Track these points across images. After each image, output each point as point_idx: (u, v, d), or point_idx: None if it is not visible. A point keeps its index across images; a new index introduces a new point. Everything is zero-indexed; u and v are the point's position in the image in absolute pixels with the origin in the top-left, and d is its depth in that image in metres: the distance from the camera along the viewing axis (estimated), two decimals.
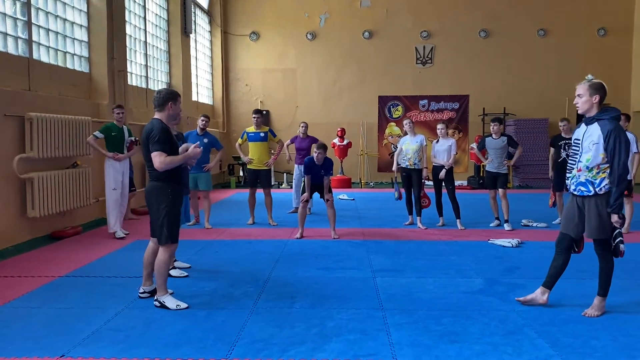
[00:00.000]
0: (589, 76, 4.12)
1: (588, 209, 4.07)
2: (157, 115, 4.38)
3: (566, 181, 4.26)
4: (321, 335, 3.74)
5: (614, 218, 3.94)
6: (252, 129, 8.33)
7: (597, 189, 4.00)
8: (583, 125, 4.13)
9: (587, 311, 4.15)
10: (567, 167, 4.24)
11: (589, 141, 4.00)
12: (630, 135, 7.44)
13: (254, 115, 8.31)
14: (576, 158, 4.10)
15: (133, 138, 7.59)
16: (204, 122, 7.92)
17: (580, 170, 4.07)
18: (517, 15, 15.18)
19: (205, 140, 7.88)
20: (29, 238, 6.72)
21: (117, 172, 7.28)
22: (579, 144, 4.10)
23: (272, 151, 9.25)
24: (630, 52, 15.20)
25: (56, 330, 3.83)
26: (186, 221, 5.54)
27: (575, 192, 4.13)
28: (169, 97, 4.38)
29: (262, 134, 8.26)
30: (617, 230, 4.01)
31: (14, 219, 6.48)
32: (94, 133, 7.26)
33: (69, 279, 5.20)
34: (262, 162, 8.25)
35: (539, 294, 4.34)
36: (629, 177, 7.42)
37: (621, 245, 3.99)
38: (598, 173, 3.99)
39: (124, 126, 7.44)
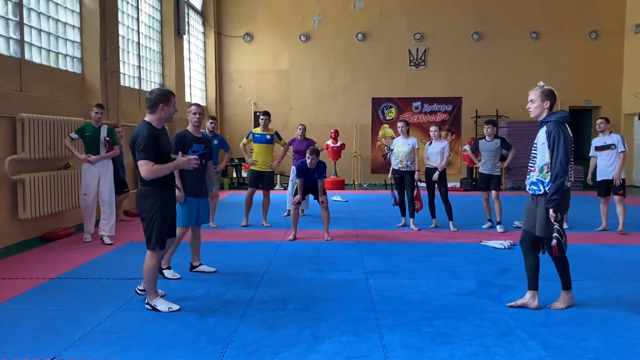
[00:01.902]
0: (541, 83, 4.35)
1: (539, 208, 4.24)
2: (147, 118, 4.20)
3: (526, 182, 4.45)
4: (314, 337, 3.74)
5: (552, 213, 4.08)
6: (258, 130, 8.27)
7: (546, 188, 4.17)
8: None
9: (553, 304, 4.33)
10: (528, 170, 4.44)
11: (540, 142, 4.24)
12: (616, 136, 7.67)
13: (262, 117, 8.24)
14: (534, 161, 4.31)
15: (108, 137, 7.04)
16: (212, 124, 7.84)
17: (534, 170, 4.28)
18: (510, 18, 15.28)
19: (215, 141, 7.81)
20: (20, 240, 6.69)
21: (91, 176, 6.88)
22: (535, 147, 4.33)
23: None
24: (621, 55, 15.33)
25: (48, 332, 3.81)
26: (203, 222, 5.49)
27: (529, 192, 4.35)
28: (160, 99, 4.18)
29: (268, 137, 8.22)
30: (556, 227, 4.12)
31: (5, 220, 6.45)
32: (70, 134, 7.02)
33: (60, 280, 5.17)
34: (266, 164, 8.20)
35: (530, 300, 4.38)
36: (612, 176, 7.59)
37: (553, 240, 4.12)
38: (548, 172, 4.17)
39: (103, 125, 7.04)
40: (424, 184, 8.31)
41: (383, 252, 6.52)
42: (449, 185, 8.69)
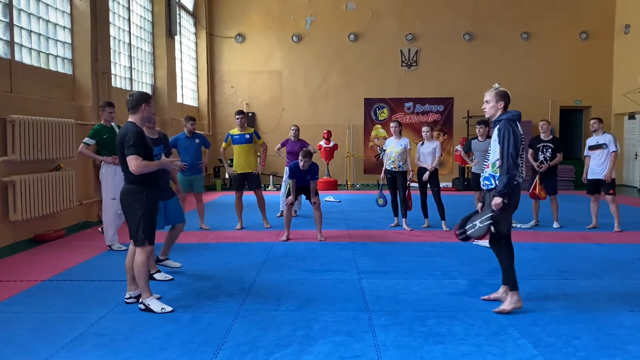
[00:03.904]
0: (496, 85, 4.47)
1: (489, 201, 4.33)
2: (130, 118, 4.40)
3: (480, 179, 4.55)
4: (307, 337, 3.74)
5: (497, 200, 4.17)
6: (236, 131, 8.13)
7: (497, 182, 4.26)
8: None
9: (499, 307, 4.26)
10: (483, 168, 4.52)
11: (493, 140, 4.36)
12: (608, 136, 7.78)
13: (237, 116, 8.08)
14: (489, 157, 4.42)
15: None
16: (193, 125, 7.90)
17: (488, 166, 4.38)
18: (501, 18, 15.36)
19: (197, 140, 7.91)
20: (11, 242, 6.63)
21: (117, 178, 6.34)
22: (491, 145, 4.42)
23: (258, 153, 9.13)
24: (611, 55, 15.45)
25: (40, 335, 3.79)
26: (176, 222, 5.49)
27: (483, 187, 4.44)
28: (142, 99, 4.41)
29: (247, 136, 8.07)
30: (491, 214, 4.22)
31: None
32: (84, 141, 6.51)
33: (52, 282, 5.14)
34: (248, 165, 8.08)
35: (503, 294, 4.48)
36: (603, 176, 7.66)
37: (492, 228, 4.24)
38: (499, 167, 4.26)
39: (112, 124, 6.75)
40: (416, 184, 8.34)
41: (376, 252, 6.54)
42: (441, 185, 8.72)
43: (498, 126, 4.32)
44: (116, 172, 6.45)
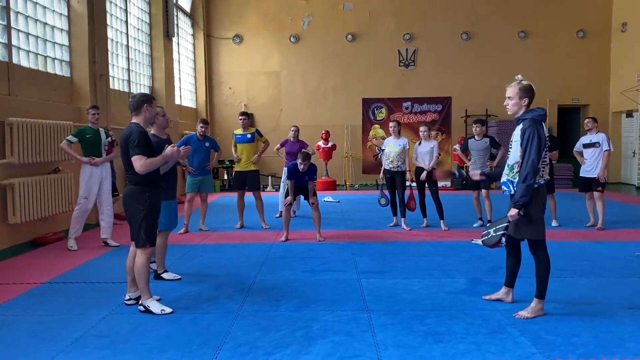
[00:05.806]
0: (519, 77, 4.16)
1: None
2: (134, 120, 4.40)
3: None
4: (307, 337, 3.75)
5: (512, 212, 3.96)
6: (239, 131, 8.34)
7: (515, 188, 4.03)
8: None
9: (520, 313, 4.10)
10: (479, 167, 4.33)
11: (514, 140, 4.10)
12: (602, 135, 7.81)
13: (240, 117, 8.33)
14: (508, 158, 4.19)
15: (110, 139, 7.08)
16: (203, 128, 7.93)
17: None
18: (498, 17, 15.37)
19: (207, 144, 8.01)
20: (10, 245, 6.64)
21: (93, 178, 6.73)
22: (511, 145, 4.17)
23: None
24: (608, 54, 15.47)
25: (39, 338, 3.79)
26: (173, 227, 5.45)
27: (502, 192, 4.23)
28: (144, 100, 4.41)
29: (248, 136, 8.26)
30: (506, 224, 4.06)
31: None
32: (67, 138, 6.78)
33: (51, 285, 5.14)
34: (248, 165, 8.23)
35: (504, 295, 4.47)
36: (596, 174, 7.68)
37: (503, 239, 4.11)
38: (518, 172, 4.00)
39: (101, 128, 6.97)
40: (414, 184, 8.34)
41: (375, 252, 6.54)
42: (440, 184, 8.72)
43: (521, 126, 4.00)
44: (92, 173, 6.73)
